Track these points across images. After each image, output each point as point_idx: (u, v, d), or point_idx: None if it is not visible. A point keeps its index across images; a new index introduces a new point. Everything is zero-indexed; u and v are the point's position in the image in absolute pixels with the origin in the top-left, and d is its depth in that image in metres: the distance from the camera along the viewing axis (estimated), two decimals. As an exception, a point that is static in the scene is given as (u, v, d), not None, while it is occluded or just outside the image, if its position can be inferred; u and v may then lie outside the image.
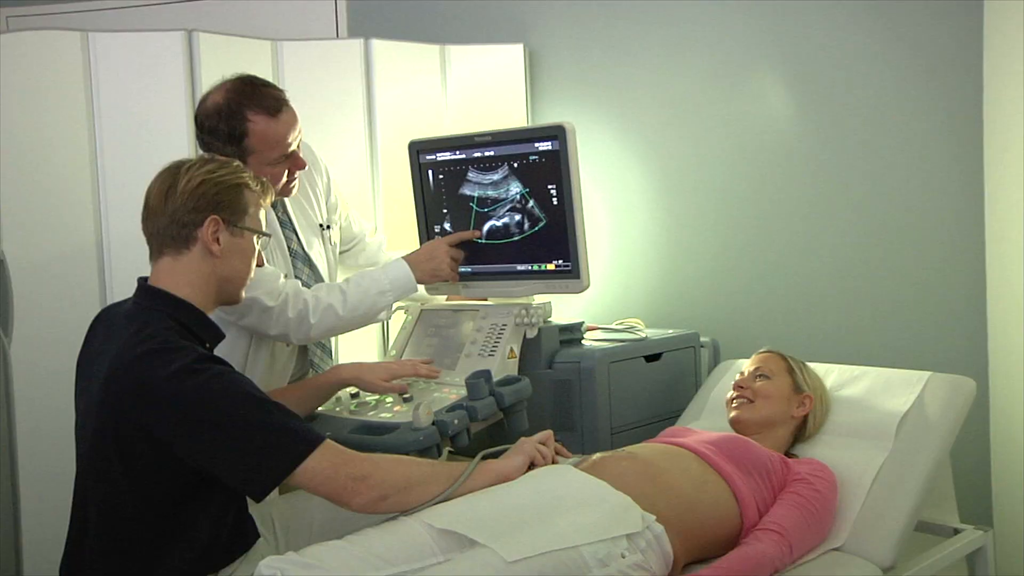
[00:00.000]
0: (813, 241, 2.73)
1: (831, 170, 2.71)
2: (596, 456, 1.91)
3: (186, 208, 1.70)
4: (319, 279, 2.29)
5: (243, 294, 1.83)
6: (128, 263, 2.44)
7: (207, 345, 1.76)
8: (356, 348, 2.66)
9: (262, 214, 1.81)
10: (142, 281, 1.76)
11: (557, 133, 2.19)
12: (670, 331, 2.56)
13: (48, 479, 2.40)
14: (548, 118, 3.06)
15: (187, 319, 1.71)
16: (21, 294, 2.43)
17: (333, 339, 2.41)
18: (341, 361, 2.44)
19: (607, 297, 2.98)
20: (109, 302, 2.45)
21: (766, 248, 2.80)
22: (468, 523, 1.59)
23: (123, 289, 2.40)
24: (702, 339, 2.60)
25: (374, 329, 2.74)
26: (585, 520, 1.62)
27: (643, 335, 2.48)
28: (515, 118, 2.99)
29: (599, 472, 1.79)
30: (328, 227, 2.40)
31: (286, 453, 1.60)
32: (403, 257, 2.30)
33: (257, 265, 1.83)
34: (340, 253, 2.50)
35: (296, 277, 2.23)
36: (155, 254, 1.75)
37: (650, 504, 1.72)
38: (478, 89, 2.98)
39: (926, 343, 2.59)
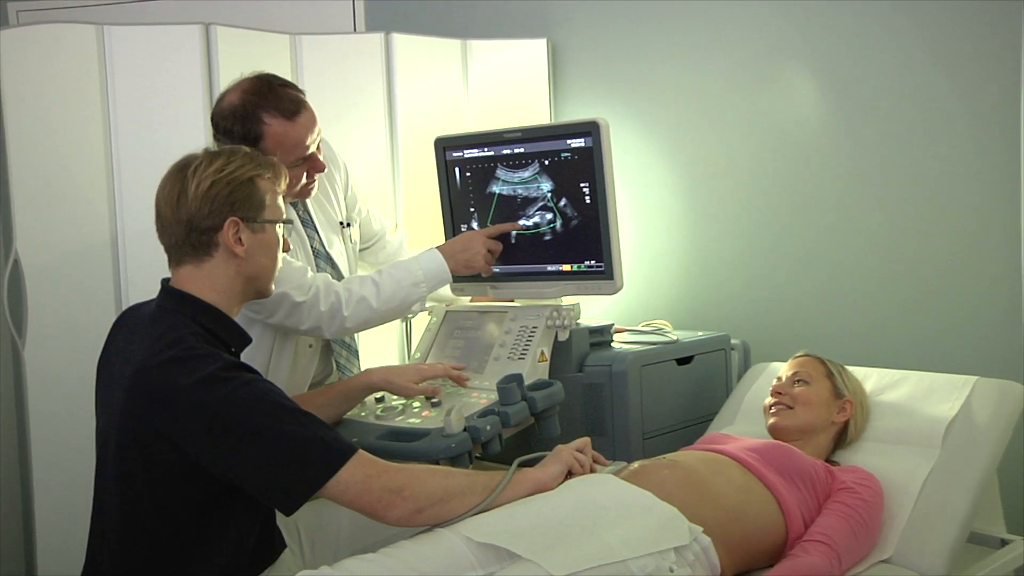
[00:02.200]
0: (842, 240, 2.67)
1: (862, 168, 2.64)
2: (636, 464, 1.85)
3: (201, 214, 1.63)
4: (340, 278, 2.23)
5: (272, 287, 1.76)
6: (144, 262, 2.39)
7: (233, 350, 1.69)
8: (378, 350, 2.59)
9: (280, 199, 1.73)
10: (165, 282, 1.70)
11: (590, 129, 2.13)
12: (700, 333, 2.50)
13: (63, 482, 2.39)
14: (571, 114, 2.99)
15: (212, 324, 1.65)
16: (35, 294, 2.39)
17: (357, 339, 2.35)
18: (364, 362, 2.37)
19: (632, 298, 2.91)
20: (124, 301, 2.42)
21: (795, 247, 2.74)
22: (509, 536, 1.52)
23: (139, 288, 2.37)
24: (732, 341, 2.54)
25: (396, 331, 2.68)
26: (632, 533, 1.55)
27: (674, 337, 2.42)
28: (538, 114, 2.93)
29: (640, 481, 1.73)
30: (348, 224, 2.34)
31: (318, 465, 1.53)
32: (437, 247, 2.24)
33: (284, 250, 1.76)
34: (360, 251, 2.45)
35: (318, 276, 2.17)
36: (175, 263, 1.68)
37: (695, 514, 1.66)
38: (500, 84, 2.92)
39: (961, 346, 2.52)
